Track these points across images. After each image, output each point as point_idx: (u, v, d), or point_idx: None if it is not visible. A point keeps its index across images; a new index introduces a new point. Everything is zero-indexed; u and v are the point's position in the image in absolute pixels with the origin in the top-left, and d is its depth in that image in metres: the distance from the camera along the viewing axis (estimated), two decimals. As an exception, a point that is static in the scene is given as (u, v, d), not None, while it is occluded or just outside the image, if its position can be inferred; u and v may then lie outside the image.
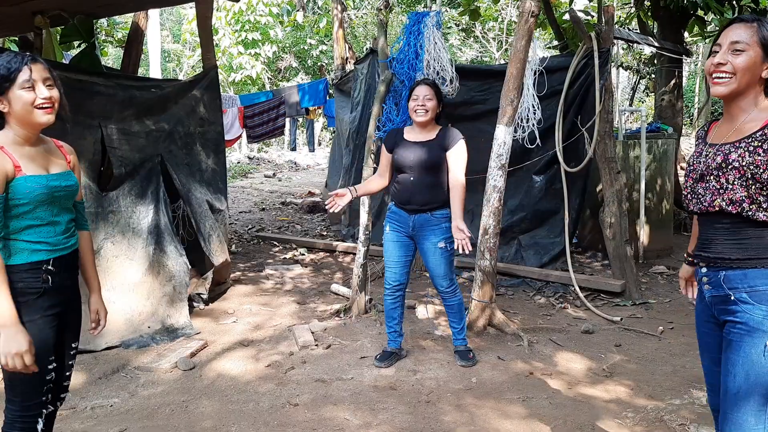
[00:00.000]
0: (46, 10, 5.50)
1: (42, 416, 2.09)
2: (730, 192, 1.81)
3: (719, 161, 1.84)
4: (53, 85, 2.04)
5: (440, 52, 4.77)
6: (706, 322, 2.02)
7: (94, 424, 3.16)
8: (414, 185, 3.66)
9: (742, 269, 1.83)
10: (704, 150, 1.93)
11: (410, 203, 3.68)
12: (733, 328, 1.85)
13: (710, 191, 1.87)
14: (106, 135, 4.43)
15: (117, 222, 4.47)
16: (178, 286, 4.58)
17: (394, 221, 3.79)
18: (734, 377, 1.83)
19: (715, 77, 1.85)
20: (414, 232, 3.73)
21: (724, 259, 1.86)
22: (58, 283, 2.10)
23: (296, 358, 4.04)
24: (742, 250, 1.82)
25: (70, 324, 2.21)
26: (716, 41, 1.87)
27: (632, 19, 10.51)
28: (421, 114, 3.63)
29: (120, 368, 3.86)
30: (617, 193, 5.41)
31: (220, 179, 5.50)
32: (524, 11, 4.24)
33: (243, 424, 3.14)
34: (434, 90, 3.68)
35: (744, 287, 1.82)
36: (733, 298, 1.84)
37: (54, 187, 2.06)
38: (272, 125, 9.89)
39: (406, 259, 3.84)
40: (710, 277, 1.92)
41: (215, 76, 5.61)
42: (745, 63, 1.80)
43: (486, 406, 3.34)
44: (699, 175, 1.91)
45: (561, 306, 5.21)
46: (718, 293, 1.89)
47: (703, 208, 1.89)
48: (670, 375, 3.72)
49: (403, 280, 3.88)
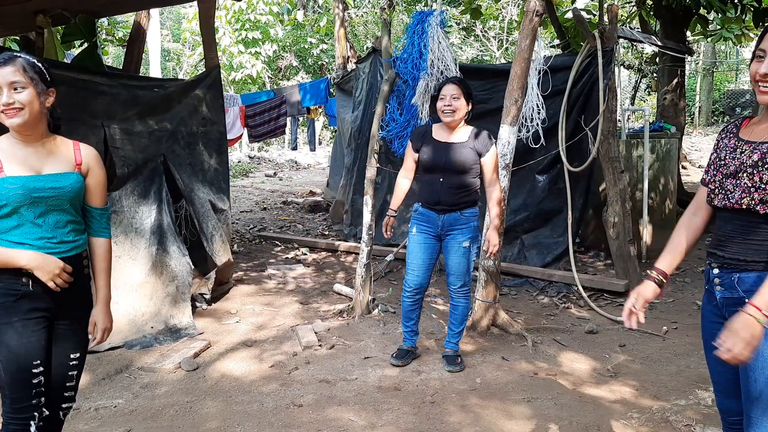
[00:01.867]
0: (47, 9, 5.48)
1: (34, 419, 2.05)
2: (762, 191, 1.77)
3: (755, 159, 1.80)
4: (25, 86, 1.97)
5: (444, 52, 4.75)
6: (714, 323, 1.99)
7: (99, 425, 3.15)
8: (443, 186, 3.61)
9: (757, 272, 1.80)
10: (739, 146, 1.88)
11: (439, 203, 3.64)
12: None
13: (740, 188, 1.82)
14: (108, 135, 4.42)
15: (120, 222, 4.46)
16: (181, 286, 4.57)
17: (422, 222, 3.73)
18: (755, 382, 1.80)
19: (762, 86, 1.79)
20: (442, 231, 3.70)
21: (739, 260, 1.83)
22: (43, 289, 2.04)
23: (300, 358, 4.03)
24: (760, 253, 1.79)
25: (64, 334, 2.15)
26: (759, 45, 1.81)
27: (634, 17, 10.50)
28: (448, 114, 3.57)
29: (123, 369, 3.85)
30: (620, 193, 5.40)
31: (223, 179, 5.49)
32: (529, 10, 4.23)
33: (248, 425, 3.13)
34: (462, 89, 3.59)
35: None
36: (747, 301, 1.81)
37: (33, 188, 2.00)
38: (273, 124, 9.88)
39: (430, 262, 3.79)
40: (723, 278, 1.89)
41: (218, 76, 5.60)
42: None
43: (491, 406, 3.34)
44: (731, 171, 1.86)
45: (564, 306, 5.20)
46: (731, 295, 1.87)
47: (729, 205, 1.85)
48: (675, 375, 3.71)
49: (424, 283, 3.82)
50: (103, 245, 2.22)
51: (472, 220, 3.67)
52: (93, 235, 2.21)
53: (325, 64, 20.09)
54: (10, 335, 1.99)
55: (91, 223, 2.20)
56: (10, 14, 5.60)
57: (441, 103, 3.59)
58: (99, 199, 2.20)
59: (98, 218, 2.21)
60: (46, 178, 2.04)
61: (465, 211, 3.66)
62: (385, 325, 4.68)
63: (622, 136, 6.47)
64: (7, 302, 2.01)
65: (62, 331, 2.14)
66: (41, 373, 2.05)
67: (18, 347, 1.99)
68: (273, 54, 19.42)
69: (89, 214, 2.19)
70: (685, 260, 2.39)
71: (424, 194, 3.70)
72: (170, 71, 24.11)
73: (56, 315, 2.11)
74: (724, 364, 1.97)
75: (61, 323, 2.13)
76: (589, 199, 6.23)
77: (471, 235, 3.65)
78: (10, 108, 1.96)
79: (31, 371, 2.03)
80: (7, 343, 2.00)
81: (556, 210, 6.10)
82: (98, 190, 2.18)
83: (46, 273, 2.00)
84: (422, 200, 3.73)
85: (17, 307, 2.02)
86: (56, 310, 2.10)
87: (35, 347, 2.04)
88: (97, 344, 2.24)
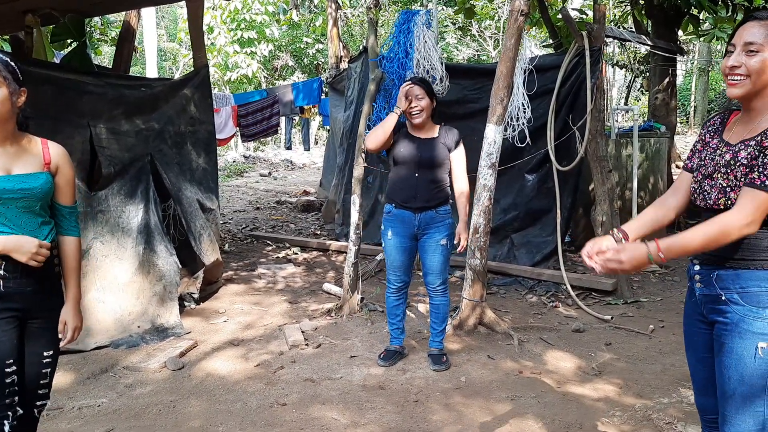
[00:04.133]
0: (36, 9, 5.48)
1: (8, 419, 2.05)
2: (737, 190, 1.78)
3: (728, 158, 1.82)
4: (5, 84, 1.96)
5: (430, 51, 4.77)
6: (694, 320, 2.00)
7: (81, 424, 3.15)
8: (418, 182, 3.66)
9: (735, 269, 1.81)
10: (719, 147, 1.90)
11: (415, 200, 3.68)
12: (723, 330, 1.84)
13: (716, 189, 1.84)
14: (95, 134, 4.42)
15: (106, 221, 4.46)
16: (169, 286, 4.58)
17: (395, 224, 3.76)
18: (729, 380, 1.82)
19: (730, 79, 1.81)
20: (419, 231, 3.73)
21: (719, 257, 1.83)
22: (13, 289, 2.04)
23: (286, 357, 4.03)
24: (738, 250, 1.80)
25: (36, 332, 2.14)
26: (730, 41, 1.83)
27: (627, 17, 10.51)
28: (417, 115, 3.66)
29: (109, 368, 3.86)
30: (609, 192, 5.42)
31: (211, 178, 5.49)
32: (514, 10, 4.24)
33: (230, 424, 3.14)
34: (424, 88, 3.68)
35: (735, 288, 1.80)
36: (723, 297, 1.83)
37: (3, 189, 1.99)
38: (266, 124, 9.88)
39: (409, 262, 3.84)
40: (702, 275, 1.90)
41: (206, 75, 5.60)
42: (759, 64, 1.75)
43: (474, 405, 3.34)
44: (708, 172, 1.88)
45: (553, 305, 5.22)
46: (709, 292, 1.87)
47: (708, 205, 1.87)
48: (660, 374, 3.73)
49: (407, 279, 3.88)
50: (72, 243, 2.21)
51: (447, 218, 3.72)
52: (62, 234, 2.19)
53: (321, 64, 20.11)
54: None
55: (61, 221, 2.18)
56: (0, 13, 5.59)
57: (408, 106, 3.67)
58: (68, 198, 2.19)
59: (68, 216, 2.20)
60: (15, 178, 2.03)
61: (440, 208, 3.70)
62: (373, 324, 4.69)
63: (612, 135, 6.49)
64: None
65: (34, 330, 2.13)
66: (14, 372, 2.05)
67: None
68: (269, 54, 19.43)
69: (58, 213, 2.18)
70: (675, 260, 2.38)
71: (399, 192, 3.73)
72: (166, 70, 24.12)
73: (28, 314, 2.11)
74: (703, 362, 1.99)
75: (32, 322, 2.12)
76: (578, 199, 6.25)
77: (447, 232, 3.70)
78: None
79: (4, 370, 2.02)
80: None
81: (545, 209, 6.12)
82: (67, 189, 2.17)
83: (24, 253, 1.99)
84: (396, 200, 3.74)
85: None
86: (28, 310, 2.10)
87: (7, 347, 2.03)
88: (68, 344, 2.22)
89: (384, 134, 3.64)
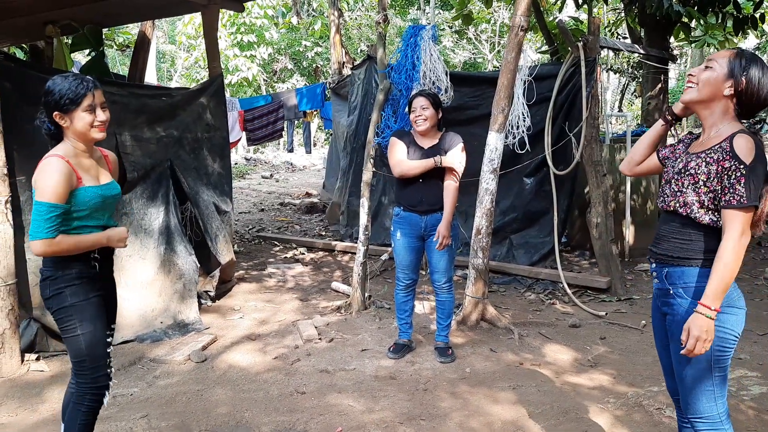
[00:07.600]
0: (57, 20, 5.74)
1: (108, 389, 2.43)
2: (684, 195, 2.06)
3: (680, 167, 2.10)
4: (107, 107, 2.39)
5: (436, 63, 5.05)
6: (656, 312, 2.29)
7: (117, 410, 3.41)
8: (424, 186, 3.94)
9: (681, 267, 2.08)
10: (680, 156, 2.18)
11: (422, 204, 3.95)
12: (672, 321, 2.12)
13: (671, 193, 2.12)
14: (120, 142, 4.68)
15: (130, 223, 4.72)
16: (188, 284, 4.84)
17: (404, 226, 4.04)
18: (680, 364, 2.10)
19: (686, 84, 2.14)
20: (425, 233, 4.01)
21: (669, 256, 2.12)
22: (102, 271, 2.48)
23: (301, 350, 4.30)
24: (685, 250, 2.08)
25: (109, 308, 2.55)
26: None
27: (621, 22, 10.78)
28: (421, 124, 3.93)
29: (137, 360, 4.12)
30: (603, 195, 5.70)
31: (226, 182, 5.75)
32: (514, 25, 4.51)
33: (255, 411, 3.40)
34: (430, 100, 3.95)
35: (681, 283, 2.08)
36: (671, 292, 2.10)
37: (106, 196, 2.41)
38: (271, 128, 10.14)
39: (417, 261, 4.14)
40: (657, 272, 2.18)
41: (221, 84, 5.86)
42: (707, 77, 2.05)
43: (479, 393, 3.61)
44: (668, 178, 2.17)
45: (550, 302, 5.49)
46: (662, 286, 2.16)
47: (664, 207, 2.16)
48: (650, 365, 3.99)
49: (415, 277, 4.16)
50: None
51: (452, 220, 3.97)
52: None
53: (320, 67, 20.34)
54: (91, 311, 2.37)
55: None
56: (21, 24, 5.85)
57: (413, 115, 3.95)
58: None
59: None
60: (108, 186, 2.46)
61: None
62: (381, 320, 4.95)
63: (606, 140, 6.78)
64: (83, 283, 2.38)
65: (106, 307, 2.53)
66: (110, 344, 2.47)
67: (98, 320, 2.38)
68: (268, 57, 19.66)
69: None
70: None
71: (406, 197, 4.00)
72: (165, 72, 24.29)
73: (106, 293, 2.53)
74: (665, 350, 2.27)
75: (106, 300, 2.53)
76: (574, 201, 6.52)
77: (452, 233, 3.96)
78: (103, 123, 2.38)
79: (105, 341, 2.43)
80: (90, 317, 2.36)
81: (542, 211, 6.40)
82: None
83: (119, 241, 2.47)
84: (404, 203, 4.02)
85: (90, 287, 2.41)
86: (106, 289, 2.54)
87: (104, 321, 2.45)
88: None
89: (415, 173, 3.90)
